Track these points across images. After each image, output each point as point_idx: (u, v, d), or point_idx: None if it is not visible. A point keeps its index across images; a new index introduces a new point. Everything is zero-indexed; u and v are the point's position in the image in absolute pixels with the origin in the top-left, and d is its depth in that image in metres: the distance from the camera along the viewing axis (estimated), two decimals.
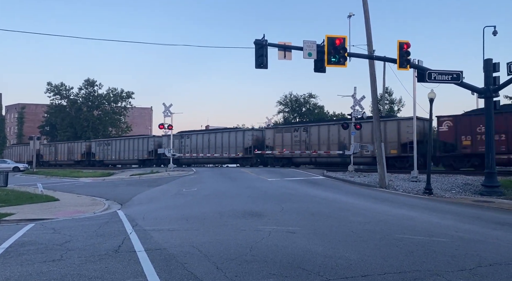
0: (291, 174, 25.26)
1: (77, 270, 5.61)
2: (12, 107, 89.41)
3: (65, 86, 67.54)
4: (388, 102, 46.85)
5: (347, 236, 7.58)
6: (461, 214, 10.84)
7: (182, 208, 12.22)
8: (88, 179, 28.85)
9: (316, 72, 15.58)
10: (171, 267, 5.71)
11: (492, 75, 15.46)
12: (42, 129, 73.76)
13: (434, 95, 17.16)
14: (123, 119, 70.21)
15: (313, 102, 56.55)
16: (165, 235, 7.94)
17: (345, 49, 15.26)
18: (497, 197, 14.86)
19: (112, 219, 10.40)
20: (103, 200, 15.48)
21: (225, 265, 5.74)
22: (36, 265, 5.88)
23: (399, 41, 15.73)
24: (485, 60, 15.81)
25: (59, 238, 7.67)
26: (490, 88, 15.38)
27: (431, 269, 5.41)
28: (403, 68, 15.76)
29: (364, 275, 5.19)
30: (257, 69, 15.27)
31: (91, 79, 67.50)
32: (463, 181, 18.58)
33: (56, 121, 68.03)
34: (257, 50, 15.17)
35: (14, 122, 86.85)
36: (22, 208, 12.97)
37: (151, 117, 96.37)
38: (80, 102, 67.75)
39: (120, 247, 6.97)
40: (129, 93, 69.09)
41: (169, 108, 32.50)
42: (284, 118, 56.09)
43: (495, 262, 5.83)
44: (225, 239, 7.40)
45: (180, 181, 23.11)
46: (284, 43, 15.61)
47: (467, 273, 5.27)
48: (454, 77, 15.72)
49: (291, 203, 12.53)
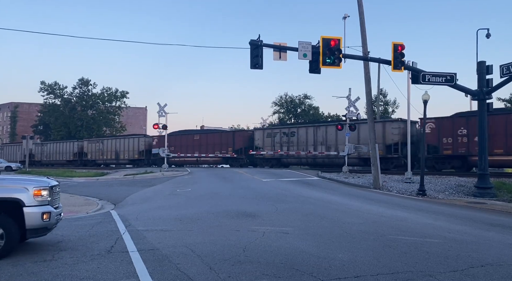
0: (286, 174, 25.27)
1: (69, 270, 5.57)
2: (5, 106, 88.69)
3: (59, 85, 67.15)
4: (382, 104, 47.05)
5: (341, 237, 7.60)
6: (454, 215, 10.91)
7: (176, 208, 12.18)
8: (81, 179, 28.68)
9: (311, 73, 15.61)
10: (164, 267, 5.69)
11: (485, 77, 15.58)
12: (36, 128, 73.24)
13: (428, 97, 17.26)
14: (117, 119, 69.88)
15: (308, 103, 56.71)
16: (159, 236, 7.91)
17: (340, 51, 15.31)
18: (489, 198, 14.97)
19: (105, 219, 10.33)
20: (96, 200, 15.39)
21: (218, 266, 5.72)
22: (28, 265, 5.82)
23: (394, 42, 15.80)
24: (478, 63, 15.93)
25: (51, 238, 7.60)
26: (483, 90, 15.50)
27: (424, 270, 5.44)
28: (398, 69, 15.83)
29: (357, 276, 5.20)
30: (252, 69, 15.28)
31: (85, 79, 67.17)
32: (456, 183, 18.70)
33: (50, 121, 67.56)
34: (253, 50, 15.16)
35: (7, 121, 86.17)
36: None
37: (146, 117, 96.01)
38: (74, 101, 67.35)
39: (113, 247, 6.94)
40: (124, 93, 68.82)
41: (163, 108, 32.39)
42: (280, 119, 56.15)
43: (487, 263, 5.88)
44: (219, 239, 7.39)
45: (175, 181, 23.04)
46: (280, 43, 15.62)
47: (459, 274, 5.30)
48: (448, 79, 15.82)
49: (285, 203, 12.54)
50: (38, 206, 6.38)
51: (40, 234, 6.66)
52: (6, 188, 6.42)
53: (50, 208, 6.53)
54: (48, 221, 6.45)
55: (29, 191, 6.38)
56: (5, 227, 6.21)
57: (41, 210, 6.37)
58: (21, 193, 6.34)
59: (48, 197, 6.56)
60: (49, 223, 6.54)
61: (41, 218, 6.35)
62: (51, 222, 6.57)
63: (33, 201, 6.34)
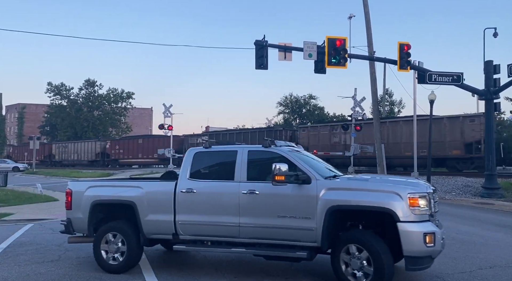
0: None
1: (75, 270, 5.59)
2: (12, 107, 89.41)
3: (66, 86, 67.49)
4: (388, 104, 46.83)
5: None
6: (461, 216, 10.81)
7: None
8: (87, 179, 28.78)
9: (316, 73, 15.53)
10: (169, 266, 5.69)
11: (493, 77, 15.42)
12: (42, 129, 73.73)
13: (434, 96, 17.14)
14: (123, 120, 70.14)
15: (314, 103, 56.52)
16: None
17: (346, 50, 15.22)
18: (497, 199, 14.82)
19: None
20: None
21: (224, 266, 5.71)
22: (35, 265, 5.85)
23: (400, 42, 15.68)
24: (485, 62, 15.78)
25: (57, 238, 7.64)
26: (491, 90, 15.35)
27: (431, 271, 5.38)
28: (404, 69, 15.71)
29: None
30: (258, 70, 15.25)
31: (91, 80, 67.44)
32: (463, 183, 18.53)
33: (57, 121, 67.96)
34: (258, 51, 15.12)
35: (14, 122, 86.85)
36: (21, 208, 12.94)
37: (151, 117, 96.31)
38: (81, 102, 67.68)
39: None
40: (129, 94, 69.01)
41: (169, 109, 32.43)
42: (284, 119, 56.03)
43: (496, 264, 5.81)
44: None
45: None
46: (285, 44, 15.57)
47: (468, 275, 5.24)
48: (455, 78, 15.67)
49: None
50: (417, 222, 4.40)
51: (420, 266, 4.50)
52: (374, 192, 4.58)
53: (432, 226, 4.50)
54: (433, 246, 4.39)
55: (403, 198, 4.43)
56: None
57: (422, 228, 4.37)
58: (392, 200, 4.43)
59: (428, 208, 4.54)
60: (434, 250, 4.47)
61: (424, 242, 4.32)
62: (436, 248, 4.46)
63: (408, 213, 4.38)
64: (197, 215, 5.19)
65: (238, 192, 5.04)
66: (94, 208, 5.68)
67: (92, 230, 5.74)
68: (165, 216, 5.30)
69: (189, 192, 5.26)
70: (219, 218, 5.08)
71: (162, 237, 5.50)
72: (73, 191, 5.91)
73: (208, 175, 5.51)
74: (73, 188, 5.97)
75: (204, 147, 5.58)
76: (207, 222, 5.14)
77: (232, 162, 5.26)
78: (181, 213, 5.26)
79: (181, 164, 5.85)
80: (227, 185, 5.19)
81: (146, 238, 5.45)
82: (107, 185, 6.04)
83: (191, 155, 5.57)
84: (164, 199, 5.37)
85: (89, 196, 5.73)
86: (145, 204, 5.40)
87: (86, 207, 5.69)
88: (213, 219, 5.11)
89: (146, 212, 5.39)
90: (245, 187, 5.04)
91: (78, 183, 6.29)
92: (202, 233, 5.23)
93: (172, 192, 5.34)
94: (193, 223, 5.21)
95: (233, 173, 5.19)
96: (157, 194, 5.46)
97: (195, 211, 5.20)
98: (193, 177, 5.39)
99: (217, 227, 5.10)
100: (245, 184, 5.06)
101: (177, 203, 5.29)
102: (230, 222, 5.03)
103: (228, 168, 5.28)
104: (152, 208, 5.38)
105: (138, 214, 5.40)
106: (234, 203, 5.05)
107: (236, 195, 5.04)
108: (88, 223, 5.68)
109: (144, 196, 5.45)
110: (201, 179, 5.37)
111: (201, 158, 5.55)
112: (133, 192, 5.54)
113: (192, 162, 5.49)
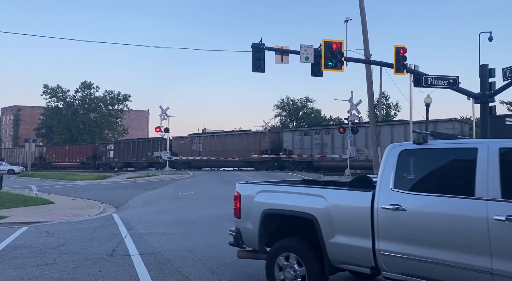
0: (288, 178, 25.22)
1: (70, 274, 5.55)
2: (8, 109, 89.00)
3: (62, 89, 67.29)
4: (384, 107, 47.02)
5: None
6: None
7: (178, 211, 12.16)
8: (83, 181, 28.69)
9: (313, 76, 15.58)
10: (165, 271, 5.67)
11: (488, 80, 15.53)
12: (38, 132, 73.44)
13: (430, 100, 17.25)
14: (119, 122, 70.00)
15: (310, 106, 56.70)
16: (160, 239, 7.89)
17: (342, 54, 15.29)
18: None
19: (107, 223, 10.33)
20: (98, 203, 15.37)
21: (221, 270, 5.70)
22: (29, 268, 5.81)
23: (396, 46, 15.77)
24: (481, 66, 15.89)
25: (53, 241, 7.60)
26: (486, 94, 15.44)
27: None
28: (400, 73, 15.79)
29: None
30: (254, 72, 15.27)
31: (87, 82, 67.30)
32: None
33: (53, 124, 67.71)
34: (254, 53, 15.16)
35: (10, 124, 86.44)
36: (16, 211, 12.86)
37: (148, 120, 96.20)
38: (77, 104, 67.47)
39: (115, 250, 6.92)
40: (126, 96, 68.88)
41: (166, 111, 32.44)
42: (281, 122, 56.15)
43: None
44: (221, 243, 7.34)
45: (176, 184, 23.03)
46: (281, 47, 15.61)
47: None
48: (451, 82, 15.76)
49: None
50: None
51: None
52: None
53: None
54: None
55: None
56: None
57: None
58: None
59: None
60: None
61: None
62: None
63: None
64: (411, 245, 3.57)
65: (485, 217, 3.24)
66: (265, 219, 4.57)
67: (264, 246, 4.69)
68: (358, 241, 3.87)
69: (396, 210, 3.67)
70: (451, 256, 3.35)
71: (356, 269, 4.10)
72: (242, 196, 4.87)
73: (424, 185, 3.82)
74: (242, 191, 4.90)
75: (416, 142, 3.88)
76: (430, 258, 3.45)
77: (468, 166, 3.54)
78: (384, 239, 3.73)
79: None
80: (462, 203, 3.40)
81: (333, 267, 4.14)
82: (280, 191, 4.74)
83: (395, 154, 3.94)
84: (356, 215, 3.94)
85: (260, 203, 4.63)
86: (330, 221, 4.05)
87: (256, 216, 4.62)
88: (441, 256, 3.40)
89: (331, 232, 4.04)
90: (499, 209, 3.19)
91: (247, 185, 5.07)
92: (419, 274, 3.55)
93: (369, 207, 3.85)
94: (405, 256, 3.58)
95: (472, 184, 3.39)
96: (346, 208, 4.04)
97: (408, 239, 3.60)
98: (399, 187, 3.79)
99: (448, 269, 3.37)
100: (499, 204, 3.22)
101: (377, 224, 3.78)
102: (472, 264, 3.26)
103: (461, 176, 3.67)
104: (340, 227, 4.01)
105: (321, 233, 4.09)
106: (479, 234, 3.26)
107: (483, 222, 3.24)
108: (259, 237, 4.62)
109: (328, 210, 4.07)
110: (413, 192, 3.73)
111: (411, 159, 3.96)
112: (314, 203, 4.19)
113: (397, 165, 3.88)
